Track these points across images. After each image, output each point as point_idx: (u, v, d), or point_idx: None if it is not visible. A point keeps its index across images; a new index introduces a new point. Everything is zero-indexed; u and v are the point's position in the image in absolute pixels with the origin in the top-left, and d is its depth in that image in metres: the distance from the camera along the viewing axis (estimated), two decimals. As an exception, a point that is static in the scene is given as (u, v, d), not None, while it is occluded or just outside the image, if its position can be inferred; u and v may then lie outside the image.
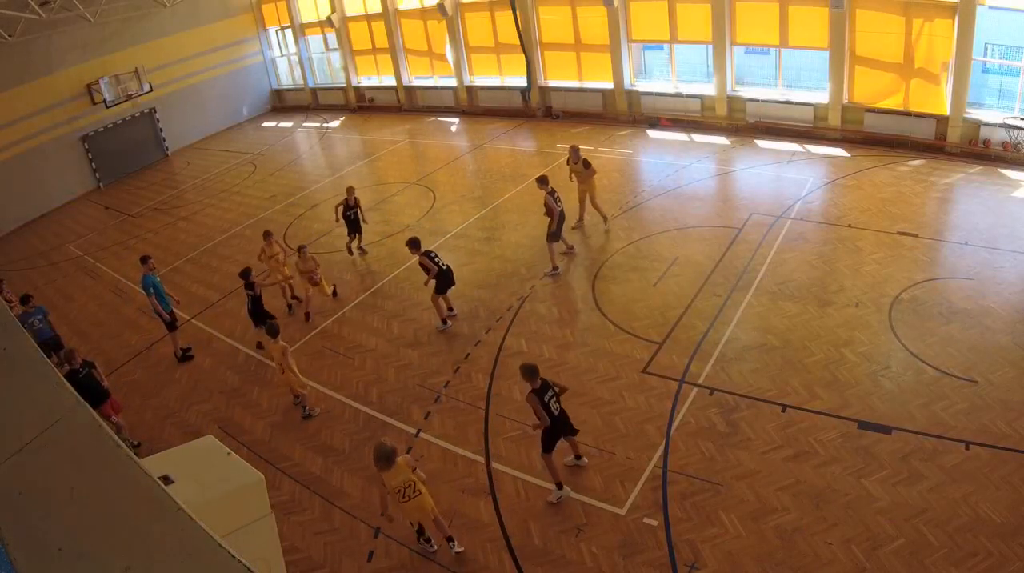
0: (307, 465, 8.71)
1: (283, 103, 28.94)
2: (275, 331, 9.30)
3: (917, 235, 11.64)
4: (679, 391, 8.83)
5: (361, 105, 26.32)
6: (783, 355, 9.19)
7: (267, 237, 12.40)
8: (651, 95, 19.37)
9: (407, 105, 25.01)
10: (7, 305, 7.33)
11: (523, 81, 21.44)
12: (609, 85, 19.99)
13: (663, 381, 9.06)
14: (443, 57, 23.28)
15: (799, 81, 17.66)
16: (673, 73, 19.29)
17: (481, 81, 22.99)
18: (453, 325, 11.02)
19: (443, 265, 10.68)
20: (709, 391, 8.75)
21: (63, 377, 3.13)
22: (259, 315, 11.13)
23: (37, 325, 11.13)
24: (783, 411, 8.24)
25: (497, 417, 8.93)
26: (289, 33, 27.24)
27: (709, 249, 12.11)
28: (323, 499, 8.11)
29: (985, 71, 15.94)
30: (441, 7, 21.69)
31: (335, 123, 25.65)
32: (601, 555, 6.82)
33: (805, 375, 8.76)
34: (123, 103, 22.76)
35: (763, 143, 16.96)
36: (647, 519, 7.11)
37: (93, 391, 8.89)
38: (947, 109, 14.67)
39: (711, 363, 9.24)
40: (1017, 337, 8.86)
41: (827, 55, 16.08)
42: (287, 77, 28.85)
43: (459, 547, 7.05)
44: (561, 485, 7.49)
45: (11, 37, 19.07)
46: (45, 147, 21.20)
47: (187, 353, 11.67)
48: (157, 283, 11.30)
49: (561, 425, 7.35)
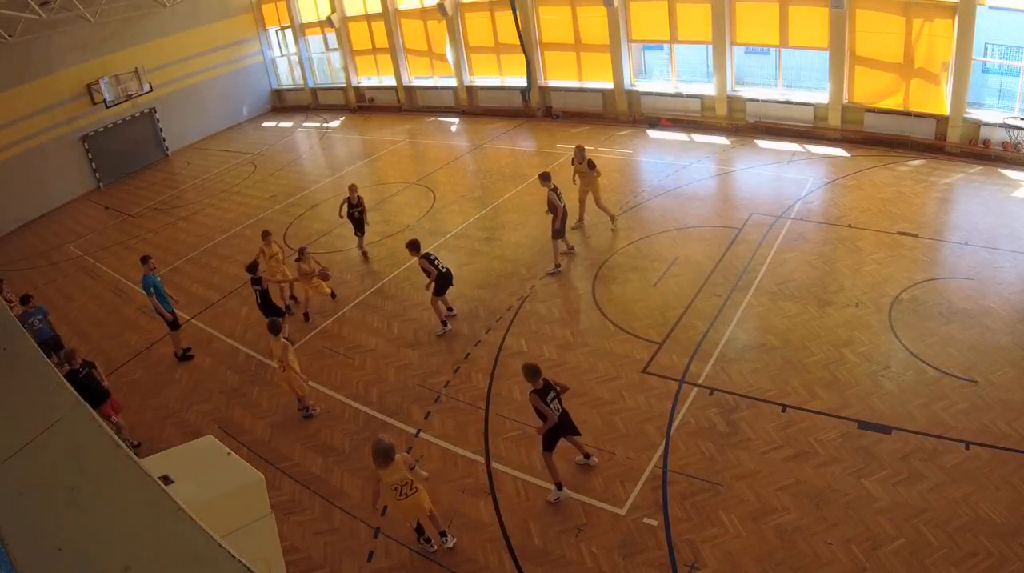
0: (307, 465, 8.71)
1: (283, 103, 28.94)
2: (276, 328, 9.27)
3: (917, 235, 11.65)
4: (679, 391, 8.83)
5: (361, 105, 26.32)
6: (783, 355, 9.19)
7: (266, 237, 12.40)
8: (651, 95, 19.37)
9: (407, 105, 25.01)
10: (7, 305, 7.33)
11: (523, 81, 21.44)
12: (609, 85, 20.00)
13: (663, 381, 9.06)
14: (443, 57, 23.29)
15: (799, 81, 17.66)
16: (673, 73, 19.29)
17: (481, 81, 22.99)
18: (453, 326, 11.02)
19: (442, 268, 10.68)
20: (709, 391, 8.75)
21: (63, 377, 3.13)
22: (269, 309, 11.20)
23: (37, 325, 11.13)
24: (783, 411, 8.24)
25: (497, 417, 8.93)
26: (289, 33, 27.24)
27: (709, 249, 12.11)
28: (323, 499, 8.11)
29: (985, 71, 15.94)
30: (441, 7, 21.69)
31: (335, 123, 25.64)
32: (601, 555, 6.82)
33: (805, 375, 8.76)
34: (123, 103, 22.75)
35: (763, 143, 16.96)
36: (647, 519, 7.11)
37: (93, 391, 8.89)
38: (947, 109, 14.67)
39: (711, 363, 9.25)
40: (1017, 337, 8.87)
41: (827, 55, 16.08)
42: (287, 77, 28.85)
43: (452, 541, 7.14)
44: (560, 486, 7.49)
45: (11, 37, 19.06)
46: (45, 147, 21.20)
47: (187, 353, 11.68)
48: (158, 283, 11.30)
49: (563, 425, 7.36)
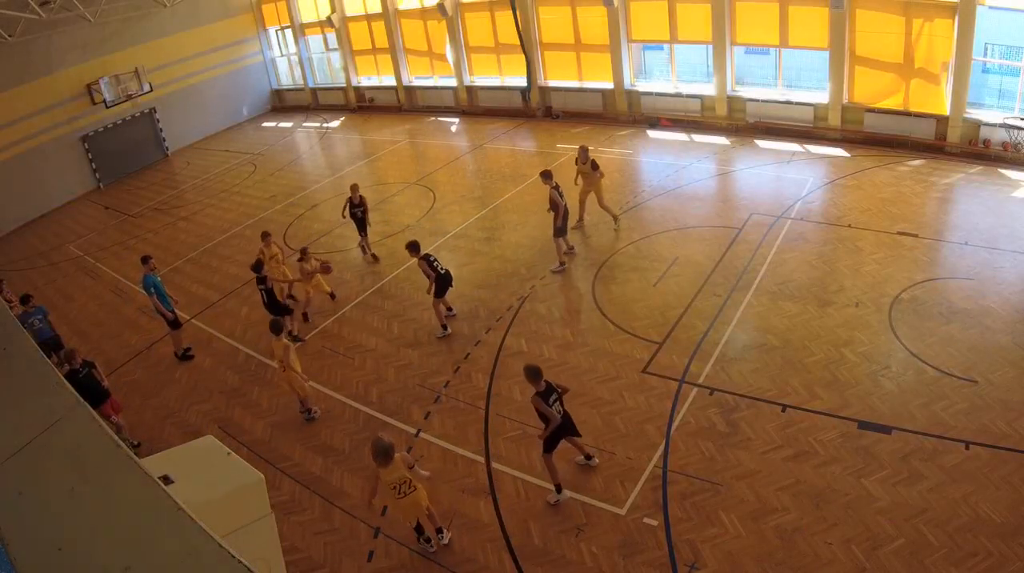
0: (307, 465, 8.71)
1: (283, 103, 28.94)
2: (279, 328, 9.22)
3: (917, 235, 11.65)
4: (679, 391, 8.83)
5: (361, 105, 26.32)
6: (783, 355, 9.19)
7: (265, 238, 12.39)
8: (651, 95, 19.37)
9: (407, 105, 25.01)
10: (7, 305, 7.33)
11: (523, 81, 21.44)
12: (609, 85, 19.99)
13: (663, 381, 9.06)
14: (443, 57, 23.28)
15: (799, 81, 17.66)
16: (673, 73, 19.29)
17: (481, 81, 22.98)
18: (453, 326, 11.00)
19: (441, 269, 10.65)
20: (709, 391, 8.75)
21: (63, 377, 3.13)
22: (275, 308, 11.23)
23: (37, 325, 11.13)
24: (783, 411, 8.24)
25: (497, 417, 8.93)
26: (289, 33, 27.24)
27: (709, 249, 12.11)
28: (323, 499, 8.11)
29: (985, 71, 15.94)
30: (441, 7, 21.69)
31: (335, 123, 25.64)
32: (601, 555, 6.82)
33: (805, 375, 8.76)
34: (123, 103, 22.75)
35: (763, 143, 16.96)
36: (647, 519, 7.11)
37: (93, 391, 8.89)
38: (947, 109, 14.67)
39: (711, 363, 9.24)
40: (1017, 337, 8.87)
41: (827, 55, 16.08)
42: (287, 77, 28.85)
43: (447, 536, 7.23)
44: (560, 488, 7.49)
45: (11, 37, 19.06)
46: (45, 147, 21.19)
47: (187, 353, 11.68)
48: (158, 283, 11.30)
49: (564, 427, 7.36)
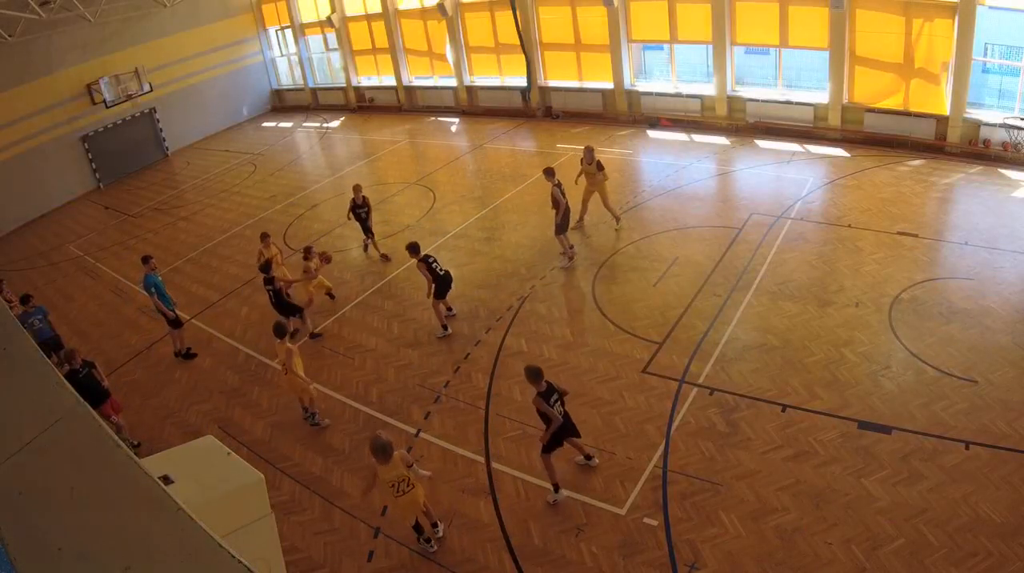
0: (307, 465, 8.71)
1: (283, 103, 28.94)
2: (282, 332, 9.10)
3: (917, 235, 11.65)
4: (679, 391, 8.83)
5: (361, 105, 26.32)
6: (783, 355, 9.19)
7: (264, 239, 12.38)
8: (651, 95, 19.37)
9: (407, 105, 25.01)
10: (7, 305, 7.33)
11: (523, 81, 21.44)
12: (609, 85, 19.99)
13: (663, 381, 9.06)
14: (443, 57, 23.28)
15: (799, 81, 17.66)
16: (673, 73, 19.28)
17: (481, 81, 22.98)
18: (453, 326, 11.00)
19: (440, 271, 10.63)
20: (709, 391, 8.75)
21: (63, 377, 3.13)
22: (283, 307, 11.24)
23: (37, 325, 11.13)
24: (783, 411, 8.24)
25: (497, 417, 8.93)
26: (289, 33, 27.24)
27: (709, 249, 12.11)
28: (323, 499, 8.11)
29: (985, 71, 15.93)
30: (441, 7, 21.69)
31: (335, 123, 25.64)
32: (601, 555, 6.82)
33: (805, 375, 8.76)
34: (123, 103, 22.75)
35: (763, 143, 16.96)
36: (647, 519, 7.11)
37: (93, 391, 8.89)
38: (947, 109, 14.67)
39: (711, 363, 9.24)
40: (1017, 337, 8.87)
41: (827, 55, 16.08)
42: (287, 77, 28.84)
43: (442, 529, 7.33)
44: (558, 488, 7.50)
45: (11, 37, 19.06)
46: (45, 147, 21.19)
47: (190, 352, 11.67)
48: (159, 283, 11.30)
49: (564, 427, 7.36)
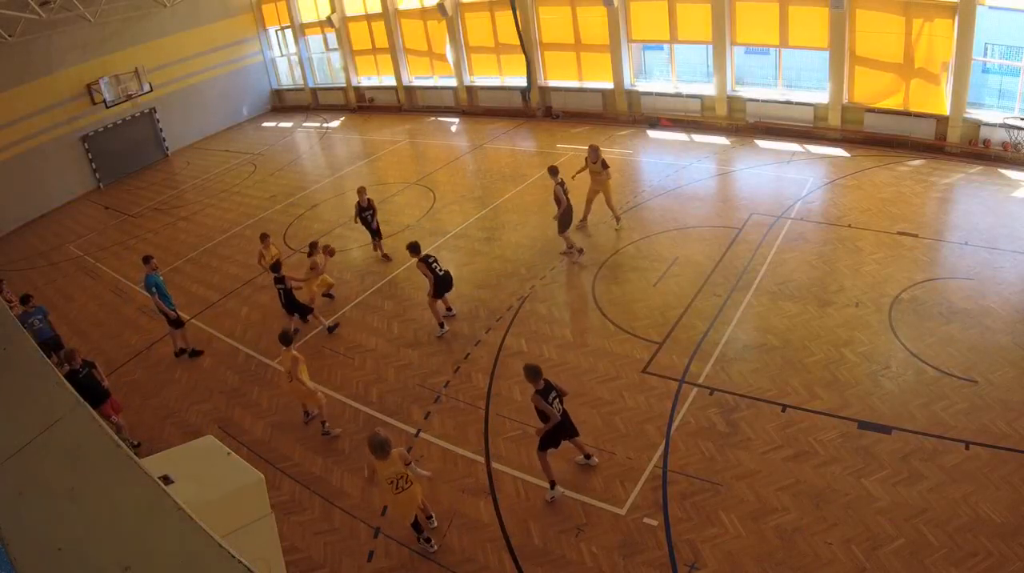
0: (307, 465, 8.71)
1: (283, 103, 28.94)
2: (288, 340, 9.03)
3: (917, 235, 11.64)
4: (679, 391, 8.83)
5: (361, 105, 26.32)
6: (783, 355, 9.19)
7: (264, 239, 12.36)
8: (651, 95, 19.36)
9: (407, 105, 25.00)
10: (7, 305, 7.33)
11: (523, 81, 21.44)
12: (609, 85, 19.98)
13: (663, 381, 9.06)
14: (443, 57, 23.28)
15: (799, 81, 17.65)
16: (673, 73, 19.28)
17: (481, 81, 22.98)
18: (453, 326, 11.01)
19: (440, 271, 10.62)
20: (709, 391, 8.75)
21: (63, 377, 3.13)
22: (293, 306, 11.24)
23: (37, 325, 11.13)
24: (783, 411, 8.24)
25: (497, 417, 8.93)
26: (289, 33, 27.23)
27: (709, 249, 12.11)
28: (323, 499, 8.11)
29: (985, 71, 15.93)
30: (441, 7, 21.68)
31: (335, 123, 25.64)
32: (601, 555, 6.82)
33: (805, 375, 8.76)
34: (123, 103, 22.74)
35: (763, 143, 16.95)
36: (647, 519, 7.11)
37: (93, 391, 8.89)
38: (947, 109, 14.66)
39: (711, 363, 9.24)
40: (1017, 337, 8.86)
41: (827, 55, 16.08)
42: (287, 77, 28.84)
43: (436, 522, 7.44)
44: (554, 484, 7.51)
45: (11, 37, 19.06)
46: (45, 147, 21.19)
47: (195, 351, 11.66)
48: (160, 283, 11.29)
49: (563, 426, 7.36)
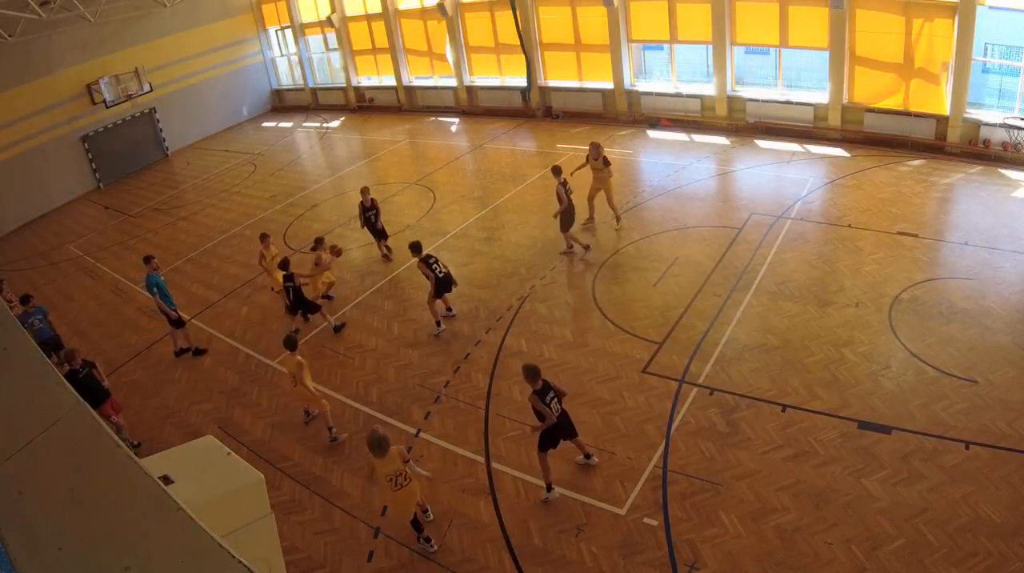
0: (307, 465, 8.71)
1: (283, 103, 28.94)
2: (293, 344, 8.97)
3: (917, 235, 11.64)
4: (679, 391, 8.83)
5: (361, 105, 26.31)
6: (783, 355, 9.19)
7: (264, 239, 12.36)
8: (651, 95, 19.36)
9: (407, 105, 25.00)
10: (7, 305, 7.33)
11: (523, 81, 21.44)
12: (609, 85, 19.98)
13: (663, 381, 9.06)
14: (443, 57, 23.28)
15: (799, 81, 17.65)
16: (673, 73, 19.28)
17: (481, 81, 22.98)
18: (453, 326, 11.01)
19: (440, 272, 10.60)
20: (709, 391, 8.75)
21: (63, 377, 3.13)
22: (302, 305, 11.23)
23: (37, 325, 11.13)
24: (783, 411, 8.24)
25: (497, 417, 8.93)
26: (289, 33, 27.23)
27: (709, 249, 12.11)
28: (323, 499, 8.11)
29: (985, 71, 15.91)
30: (441, 7, 21.68)
31: (335, 123, 25.64)
32: (601, 555, 6.82)
33: (805, 375, 8.76)
34: (123, 103, 22.74)
35: (763, 143, 16.95)
36: (647, 519, 7.11)
37: (93, 391, 8.90)
38: (947, 109, 14.66)
39: (711, 363, 9.24)
40: (1017, 337, 8.86)
41: (827, 55, 16.07)
42: (287, 77, 28.84)
43: (431, 516, 7.52)
44: (550, 487, 7.50)
45: (11, 37, 19.05)
46: (45, 147, 21.19)
47: (199, 350, 11.67)
48: (161, 283, 11.30)
49: (562, 426, 7.36)
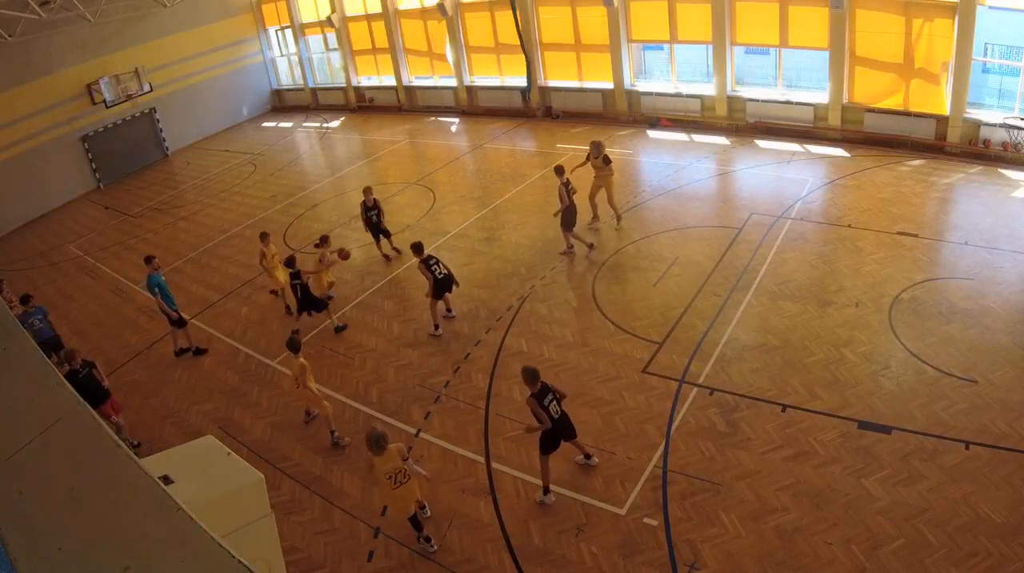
0: (307, 465, 8.71)
1: (283, 103, 28.93)
2: (296, 346, 8.89)
3: (917, 235, 11.64)
4: (679, 391, 8.83)
5: (361, 105, 26.31)
6: (783, 355, 9.19)
7: (264, 238, 12.36)
8: (651, 95, 19.36)
9: (407, 105, 25.00)
10: (7, 305, 7.33)
11: (523, 81, 21.44)
12: (609, 85, 19.98)
13: (663, 381, 9.06)
14: (443, 57, 23.28)
15: (799, 81, 17.65)
16: (673, 73, 19.28)
17: (481, 81, 22.97)
18: (449, 326, 11.00)
19: (439, 274, 10.57)
20: (709, 391, 8.75)
21: (63, 377, 3.13)
22: (311, 302, 11.23)
23: (37, 325, 11.13)
24: (783, 411, 8.24)
25: (497, 417, 8.93)
26: (289, 33, 27.22)
27: (709, 249, 12.11)
28: (323, 499, 8.11)
29: (985, 71, 15.91)
30: (441, 7, 21.68)
31: (335, 123, 25.64)
32: (601, 555, 6.82)
33: (805, 375, 8.76)
34: (123, 103, 22.73)
35: (763, 143, 16.95)
36: (647, 519, 7.11)
37: (93, 391, 8.89)
38: (947, 109, 14.66)
39: (711, 363, 9.24)
40: (1017, 337, 8.86)
41: (827, 55, 16.07)
42: (287, 77, 28.83)
43: (428, 511, 7.57)
44: (547, 491, 7.49)
45: (11, 37, 19.05)
46: (45, 147, 21.19)
47: (199, 349, 11.67)
48: (162, 283, 11.30)
49: (562, 428, 7.35)
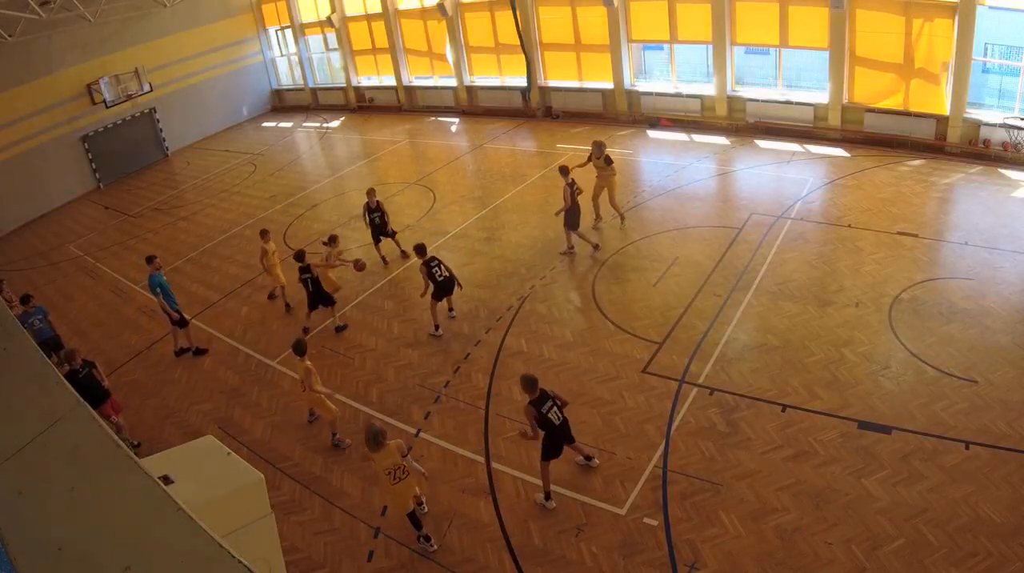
0: (307, 465, 8.71)
1: (283, 103, 28.93)
2: (302, 349, 8.81)
3: (917, 235, 11.64)
4: (679, 391, 8.83)
5: (361, 105, 26.31)
6: (783, 355, 9.19)
7: (264, 235, 12.36)
8: (651, 95, 19.36)
9: (407, 105, 25.01)
10: (7, 305, 7.33)
11: (523, 81, 21.44)
12: (609, 85, 19.99)
13: (663, 381, 9.06)
14: (443, 57, 23.28)
15: (799, 81, 17.65)
16: (673, 73, 19.28)
17: (481, 81, 22.98)
18: (449, 326, 10.99)
19: (439, 277, 10.55)
20: (709, 391, 8.75)
21: (63, 377, 3.13)
22: (321, 298, 11.22)
23: (37, 325, 11.13)
24: (783, 411, 8.24)
25: (497, 417, 8.94)
26: (289, 33, 27.23)
27: (709, 249, 12.11)
28: (323, 499, 8.12)
29: (985, 71, 15.91)
30: (441, 7, 21.68)
31: (335, 123, 25.64)
32: (601, 555, 6.82)
33: (805, 375, 8.76)
34: (123, 103, 22.73)
35: (763, 143, 16.95)
36: (647, 519, 7.11)
37: (93, 391, 8.90)
38: (947, 109, 14.67)
39: (711, 363, 9.24)
40: (1017, 337, 8.87)
41: (827, 55, 16.08)
42: (287, 77, 28.83)
43: (426, 508, 7.60)
44: (548, 496, 7.48)
45: (11, 37, 19.05)
46: (45, 147, 21.19)
47: (200, 349, 11.68)
48: (164, 283, 11.31)
49: (563, 434, 7.31)
